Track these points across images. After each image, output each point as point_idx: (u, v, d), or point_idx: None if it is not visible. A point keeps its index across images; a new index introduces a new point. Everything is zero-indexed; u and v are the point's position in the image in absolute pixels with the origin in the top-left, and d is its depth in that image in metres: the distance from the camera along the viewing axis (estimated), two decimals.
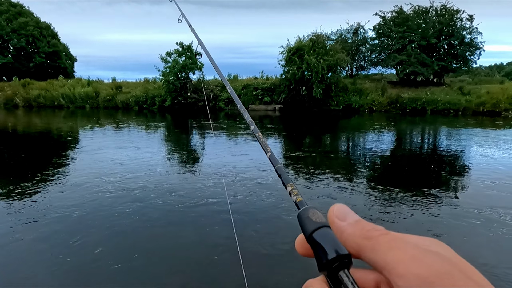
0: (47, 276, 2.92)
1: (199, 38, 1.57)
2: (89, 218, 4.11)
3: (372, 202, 4.80)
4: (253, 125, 0.70)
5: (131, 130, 13.93)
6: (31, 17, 35.07)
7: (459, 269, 0.25)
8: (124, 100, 26.34)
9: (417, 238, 0.29)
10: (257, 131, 0.66)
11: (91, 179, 5.79)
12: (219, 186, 5.40)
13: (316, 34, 24.27)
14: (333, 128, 15.14)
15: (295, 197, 0.41)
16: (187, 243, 3.51)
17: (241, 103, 0.86)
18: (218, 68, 1.20)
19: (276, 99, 24.79)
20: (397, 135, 12.77)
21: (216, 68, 1.19)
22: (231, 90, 0.96)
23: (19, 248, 3.41)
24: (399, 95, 22.85)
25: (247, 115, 0.76)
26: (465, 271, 0.25)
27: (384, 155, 8.57)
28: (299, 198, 0.41)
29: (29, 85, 29.21)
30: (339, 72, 25.16)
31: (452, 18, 24.21)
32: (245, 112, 0.78)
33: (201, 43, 1.50)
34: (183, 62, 24.09)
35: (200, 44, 1.51)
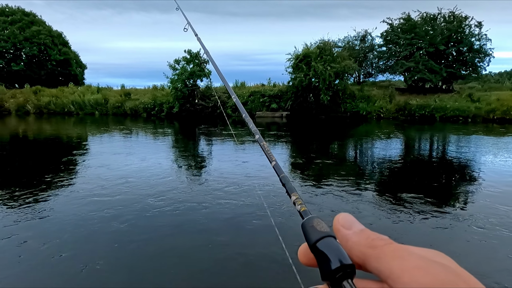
0: (53, 279, 2.94)
1: (205, 46, 1.58)
2: (95, 226, 4.13)
3: (380, 211, 4.75)
4: (258, 134, 0.70)
5: (139, 136, 14.05)
6: (43, 26, 35.81)
7: (463, 280, 0.25)
8: (132, 106, 26.63)
9: (421, 249, 0.30)
10: (262, 140, 0.66)
11: (98, 186, 5.84)
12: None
13: (323, 41, 24.33)
14: (341, 135, 15.07)
15: (299, 206, 0.41)
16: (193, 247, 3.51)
17: (246, 112, 0.86)
18: (223, 76, 1.21)
19: (283, 106, 24.81)
20: (406, 142, 12.66)
21: (221, 76, 1.19)
22: (236, 99, 0.97)
23: (25, 254, 3.44)
24: (407, 102, 22.69)
25: (252, 124, 0.77)
26: (469, 282, 0.25)
27: (392, 163, 8.50)
28: (303, 207, 0.41)
29: (40, 92, 29.73)
30: (347, 79, 25.11)
31: (460, 25, 24.07)
32: (250, 121, 0.79)
33: (207, 52, 1.52)
34: (191, 69, 24.30)
35: (206, 53, 1.52)
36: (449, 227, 4.12)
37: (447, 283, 0.24)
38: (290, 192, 0.47)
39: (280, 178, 0.53)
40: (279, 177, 0.54)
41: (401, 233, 3.97)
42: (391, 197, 5.31)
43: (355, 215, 1.54)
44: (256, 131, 0.72)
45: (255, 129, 0.73)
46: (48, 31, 35.84)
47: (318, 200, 5.15)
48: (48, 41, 35.00)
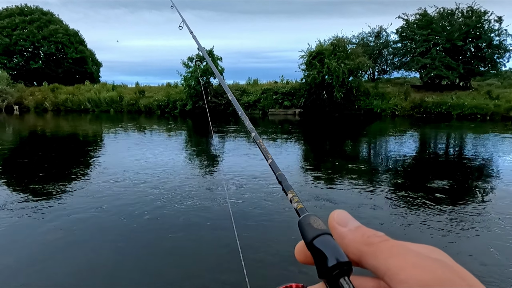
0: (64, 275, 3.02)
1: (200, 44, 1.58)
2: (110, 219, 4.22)
3: (394, 209, 4.69)
4: (254, 132, 0.70)
5: (153, 133, 14.23)
6: (60, 25, 36.54)
7: (460, 277, 0.25)
8: (146, 104, 26.98)
9: (418, 245, 0.30)
10: (258, 138, 0.67)
11: (111, 181, 5.95)
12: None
13: (337, 38, 24.07)
14: (354, 133, 14.92)
15: (296, 204, 0.41)
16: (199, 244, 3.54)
17: (242, 109, 0.87)
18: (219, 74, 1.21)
19: (296, 103, 24.70)
20: (421, 140, 12.44)
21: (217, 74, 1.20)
22: (232, 96, 0.98)
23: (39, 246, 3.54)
24: (423, 99, 22.27)
25: (248, 121, 0.77)
26: (466, 278, 0.25)
27: (407, 161, 8.37)
28: (300, 205, 0.41)
29: (58, 90, 30.44)
30: (361, 76, 24.80)
31: (479, 20, 23.42)
32: (246, 119, 0.79)
33: (202, 49, 1.51)
34: (204, 66, 24.43)
35: (201, 51, 1.52)
36: (466, 227, 4.04)
37: (444, 280, 0.25)
38: (287, 190, 0.47)
39: (276, 175, 0.53)
40: (275, 175, 0.53)
41: (415, 231, 3.91)
42: (405, 196, 5.23)
43: (369, 213, 1.54)
44: (252, 129, 0.72)
45: (251, 127, 0.74)
46: (65, 30, 36.56)
47: (331, 197, 5.12)
48: (65, 39, 35.72)
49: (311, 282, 0.34)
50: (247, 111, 25.18)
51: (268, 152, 0.61)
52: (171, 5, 2.38)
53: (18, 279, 2.92)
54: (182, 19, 2.08)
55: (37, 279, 2.92)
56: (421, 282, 0.25)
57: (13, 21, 34.22)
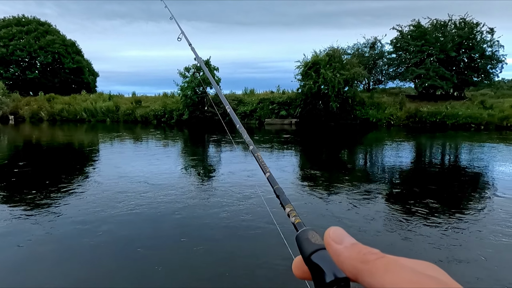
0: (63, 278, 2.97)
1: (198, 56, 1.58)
2: (101, 230, 4.17)
3: (391, 220, 4.69)
4: (252, 145, 0.70)
5: (149, 143, 14.20)
6: (57, 35, 36.65)
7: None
8: (143, 114, 26.97)
9: (413, 261, 0.30)
10: (256, 151, 0.66)
11: (106, 192, 5.91)
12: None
13: (332, 48, 24.35)
14: (350, 143, 14.98)
15: (294, 218, 0.41)
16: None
17: (239, 122, 0.87)
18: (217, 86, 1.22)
19: (292, 113, 24.81)
20: (417, 150, 12.51)
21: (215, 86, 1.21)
22: (230, 109, 0.99)
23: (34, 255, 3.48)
24: (418, 109, 22.46)
25: (246, 134, 0.77)
26: None
27: (403, 171, 8.40)
28: (298, 219, 0.40)
29: (54, 100, 30.35)
30: (356, 86, 25.01)
31: (471, 31, 23.84)
32: (244, 132, 0.79)
33: (201, 61, 1.52)
34: (201, 76, 24.55)
35: (199, 62, 1.52)
36: (461, 237, 4.04)
37: None
38: (285, 204, 0.47)
39: (274, 189, 0.53)
40: (273, 189, 0.53)
41: (412, 242, 3.91)
42: (402, 206, 5.24)
43: (366, 224, 1.54)
44: (250, 142, 0.72)
45: (249, 139, 0.73)
46: (62, 40, 36.67)
47: (327, 208, 5.11)
48: (62, 50, 35.80)
49: None
50: (244, 121, 25.24)
51: (266, 165, 0.61)
52: (170, 17, 2.40)
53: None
54: (181, 31, 2.10)
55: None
56: None
57: (10, 31, 34.29)
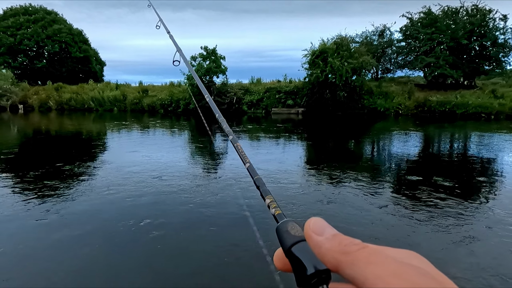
0: (63, 273, 3.04)
1: (177, 45, 1.54)
2: (107, 217, 4.24)
3: (398, 210, 4.67)
4: (231, 135, 0.69)
5: (156, 132, 14.27)
6: (64, 24, 36.66)
7: (439, 283, 0.25)
8: (150, 103, 27.05)
9: (396, 251, 0.29)
10: (236, 141, 0.65)
11: (112, 181, 5.97)
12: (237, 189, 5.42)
13: (340, 36, 24.00)
14: (358, 132, 14.88)
15: (274, 209, 0.40)
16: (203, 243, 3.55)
17: (219, 112, 0.86)
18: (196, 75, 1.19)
19: (299, 102, 24.67)
20: (425, 140, 12.38)
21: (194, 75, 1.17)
22: (209, 98, 0.97)
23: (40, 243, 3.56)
24: (427, 99, 22.16)
25: (225, 124, 0.77)
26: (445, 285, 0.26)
27: (410, 161, 8.34)
28: (278, 210, 0.40)
29: (62, 89, 30.58)
30: (364, 75, 24.72)
31: (484, 18, 23.26)
32: (224, 121, 0.79)
33: (180, 50, 1.47)
34: (207, 65, 24.47)
35: (178, 51, 1.47)
36: (470, 227, 4.02)
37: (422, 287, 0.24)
38: (265, 195, 0.46)
39: (254, 180, 0.51)
40: (253, 179, 0.51)
41: (420, 232, 3.90)
42: (409, 197, 5.21)
43: (373, 215, 1.53)
44: (229, 132, 0.71)
45: (229, 129, 0.73)
46: (69, 29, 36.68)
47: (334, 197, 5.12)
48: (68, 39, 35.84)
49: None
50: (250, 110, 25.19)
51: (246, 155, 0.59)
52: (148, 4, 2.36)
53: (20, 276, 2.94)
54: (159, 18, 2.06)
55: (39, 276, 2.94)
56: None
57: (18, 20, 34.37)
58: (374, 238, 3.70)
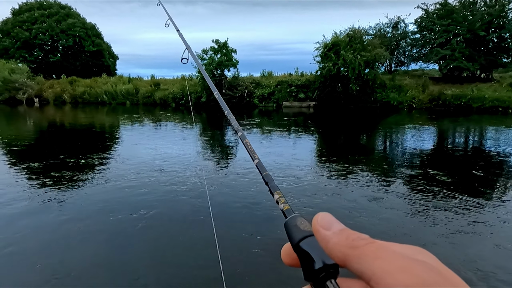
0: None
1: (186, 43, 1.52)
2: (116, 208, 4.31)
3: (410, 206, 4.62)
4: (240, 131, 0.69)
5: (168, 126, 14.39)
6: (78, 19, 37.10)
7: (446, 279, 0.25)
8: (162, 96, 27.26)
9: (403, 247, 0.29)
10: (245, 137, 0.65)
11: (124, 172, 6.06)
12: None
13: (353, 29, 23.61)
14: (370, 126, 14.71)
15: (282, 205, 0.40)
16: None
17: (228, 108, 0.85)
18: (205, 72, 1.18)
19: (310, 96, 24.48)
20: (439, 134, 12.16)
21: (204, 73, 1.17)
22: (219, 95, 0.97)
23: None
24: (441, 92, 21.71)
25: (234, 121, 0.76)
26: (452, 280, 0.26)
27: (423, 156, 8.21)
28: (286, 206, 0.40)
29: (76, 83, 31.06)
30: (377, 68, 24.33)
31: (503, 9, 22.51)
32: (233, 118, 0.78)
33: (189, 48, 1.46)
34: (219, 59, 24.45)
35: (188, 49, 1.46)
36: (483, 224, 3.95)
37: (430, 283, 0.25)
38: (273, 191, 0.46)
39: (263, 176, 0.51)
40: (261, 175, 0.51)
41: (432, 228, 3.85)
42: (422, 192, 5.14)
43: (385, 208, 1.51)
44: (238, 128, 0.71)
45: (238, 126, 0.72)
46: (82, 23, 37.12)
47: (345, 191, 5.09)
48: (82, 33, 36.29)
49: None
50: (262, 104, 25.12)
51: (254, 152, 0.59)
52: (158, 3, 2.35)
53: (35, 268, 3.03)
54: (169, 17, 2.05)
55: (52, 268, 3.02)
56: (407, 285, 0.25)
57: (33, 15, 34.93)
58: (383, 233, 3.67)
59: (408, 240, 3.52)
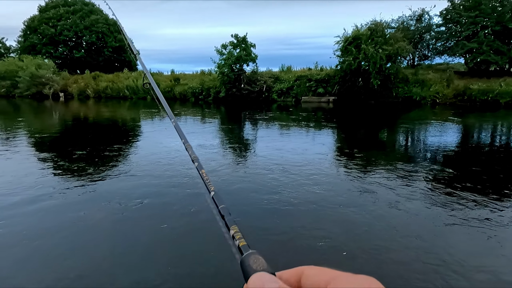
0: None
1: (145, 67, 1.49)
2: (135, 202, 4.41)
3: (432, 205, 4.51)
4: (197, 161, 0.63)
5: (187, 120, 14.56)
6: (101, 15, 37.91)
7: None
8: (181, 91, 27.56)
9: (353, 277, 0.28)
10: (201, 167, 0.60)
11: (143, 165, 6.19)
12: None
13: (375, 22, 23.05)
14: (391, 122, 14.39)
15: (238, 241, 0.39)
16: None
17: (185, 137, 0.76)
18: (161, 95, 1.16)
19: (330, 91, 24.16)
20: (464, 131, 11.77)
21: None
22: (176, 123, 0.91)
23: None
24: (467, 87, 20.94)
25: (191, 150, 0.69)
26: None
27: (446, 153, 7.97)
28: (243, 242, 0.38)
29: (99, 78, 31.83)
30: (399, 62, 23.71)
31: None
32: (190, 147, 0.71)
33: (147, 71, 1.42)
34: (238, 54, 24.44)
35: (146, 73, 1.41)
36: (505, 226, 3.81)
37: None
38: (229, 225, 0.43)
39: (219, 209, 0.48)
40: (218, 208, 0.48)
41: (455, 229, 3.75)
42: (444, 192, 5.01)
43: (407, 206, 1.48)
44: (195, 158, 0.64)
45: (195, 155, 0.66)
46: (105, 19, 37.89)
47: (366, 188, 5.02)
48: (105, 29, 37.08)
49: None
50: (280, 99, 24.98)
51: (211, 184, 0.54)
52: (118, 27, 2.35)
53: (59, 257, 3.15)
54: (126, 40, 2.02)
55: (77, 260, 3.13)
56: None
57: (58, 12, 35.96)
58: (407, 235, 3.61)
59: (431, 240, 3.45)
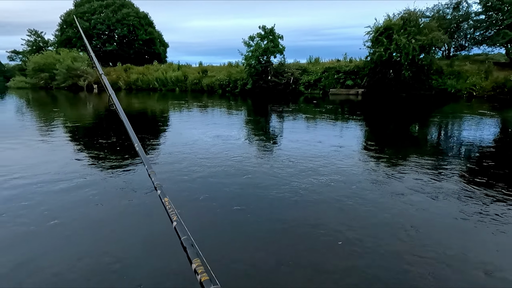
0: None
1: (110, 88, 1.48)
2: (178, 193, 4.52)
3: (464, 205, 4.34)
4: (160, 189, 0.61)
5: (215, 112, 14.73)
6: (132, 8, 38.88)
7: None
8: (209, 83, 27.88)
9: None
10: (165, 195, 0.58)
11: (171, 155, 6.34)
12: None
13: (408, 11, 22.14)
14: (423, 115, 13.86)
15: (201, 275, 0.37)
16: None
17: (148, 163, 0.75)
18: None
19: (359, 83, 23.58)
20: (502, 126, 11.14)
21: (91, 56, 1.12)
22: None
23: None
24: (508, 79, 19.75)
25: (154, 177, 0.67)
26: None
27: (481, 150, 7.59)
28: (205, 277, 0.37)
29: (130, 70, 32.81)
30: (434, 53, 22.70)
31: None
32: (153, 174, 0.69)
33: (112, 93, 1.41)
34: (265, 45, 24.32)
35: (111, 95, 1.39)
36: None
37: None
38: (192, 258, 0.42)
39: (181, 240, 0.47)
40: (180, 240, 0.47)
41: (489, 229, 3.59)
42: (478, 191, 4.79)
43: (439, 204, 1.43)
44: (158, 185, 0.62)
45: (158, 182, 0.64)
46: (136, 12, 38.84)
47: (395, 184, 4.90)
48: (136, 22, 38.03)
49: None
50: (307, 91, 24.68)
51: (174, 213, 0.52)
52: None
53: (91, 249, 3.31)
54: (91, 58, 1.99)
55: (107, 247, 3.28)
56: None
57: (92, 6, 37.26)
58: (446, 243, 3.50)
59: (463, 239, 3.33)
